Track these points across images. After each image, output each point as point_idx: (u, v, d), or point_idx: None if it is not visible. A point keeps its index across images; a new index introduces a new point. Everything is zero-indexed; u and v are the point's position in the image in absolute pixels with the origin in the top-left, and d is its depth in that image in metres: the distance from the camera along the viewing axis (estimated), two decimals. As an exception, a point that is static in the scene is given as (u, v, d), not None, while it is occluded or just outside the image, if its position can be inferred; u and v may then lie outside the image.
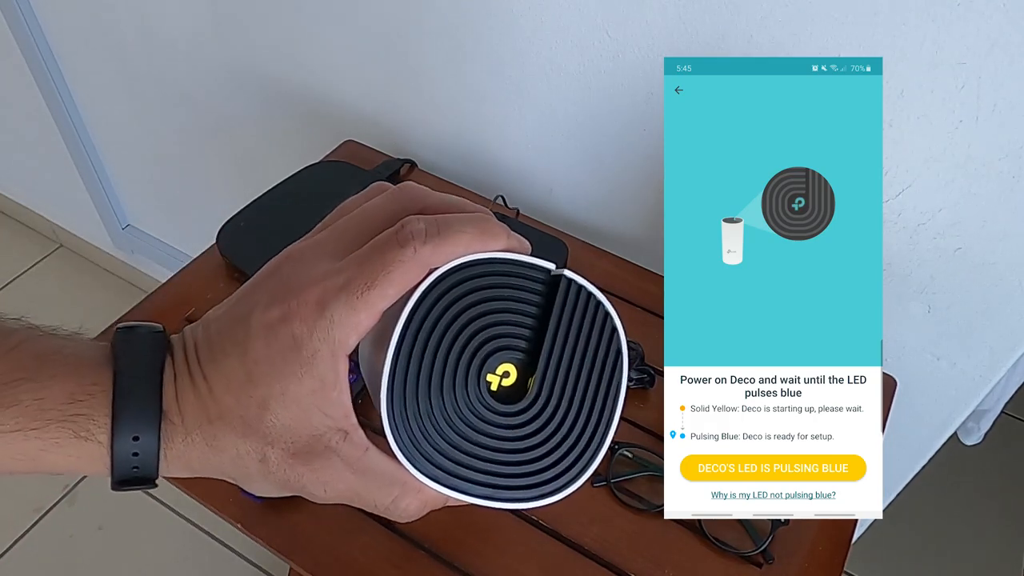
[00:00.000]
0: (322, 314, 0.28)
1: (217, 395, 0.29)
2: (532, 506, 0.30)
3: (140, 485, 0.30)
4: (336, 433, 0.29)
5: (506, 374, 0.30)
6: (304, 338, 0.28)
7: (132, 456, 0.29)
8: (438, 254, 0.29)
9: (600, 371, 0.31)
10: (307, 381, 0.28)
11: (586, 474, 0.31)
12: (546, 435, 0.30)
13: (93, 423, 0.28)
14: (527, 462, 0.30)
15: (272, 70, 1.02)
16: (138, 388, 0.29)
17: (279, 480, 0.30)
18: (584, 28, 0.72)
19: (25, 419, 0.28)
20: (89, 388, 0.29)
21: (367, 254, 0.29)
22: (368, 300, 0.28)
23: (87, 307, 1.75)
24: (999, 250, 0.65)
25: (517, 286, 0.30)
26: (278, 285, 0.29)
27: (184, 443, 0.29)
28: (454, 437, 0.30)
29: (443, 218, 0.30)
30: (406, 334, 0.29)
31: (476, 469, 0.30)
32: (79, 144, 1.39)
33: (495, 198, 0.81)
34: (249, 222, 0.77)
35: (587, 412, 0.31)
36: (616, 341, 0.31)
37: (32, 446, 0.28)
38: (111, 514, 1.44)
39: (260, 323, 0.28)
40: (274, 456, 0.29)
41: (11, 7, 1.20)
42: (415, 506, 0.31)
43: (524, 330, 0.31)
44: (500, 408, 0.30)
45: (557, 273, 0.31)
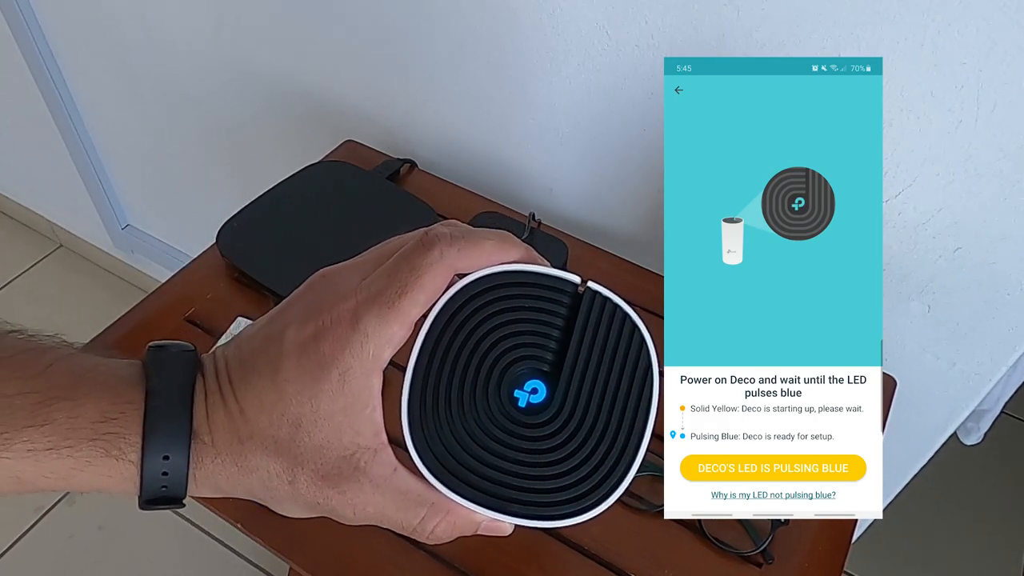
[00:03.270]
0: (355, 328, 0.27)
1: (248, 415, 0.29)
2: (564, 524, 0.29)
3: (168, 505, 0.30)
4: (366, 452, 0.29)
5: (534, 390, 0.30)
6: (336, 355, 0.27)
7: (161, 476, 0.29)
8: (463, 257, 0.29)
9: (629, 384, 0.30)
10: (339, 399, 0.28)
11: (619, 490, 0.30)
12: (573, 449, 0.29)
13: (124, 442, 0.28)
14: (556, 477, 0.29)
15: (272, 70, 1.02)
16: (169, 408, 0.29)
17: (308, 502, 0.29)
18: (584, 28, 0.72)
19: (58, 437, 0.28)
20: (122, 407, 0.29)
21: (395, 263, 0.29)
22: (400, 309, 0.28)
23: (87, 307, 1.75)
24: (999, 250, 0.65)
25: (543, 297, 0.30)
26: (311, 303, 0.29)
27: (214, 463, 0.29)
28: (481, 453, 0.29)
29: (466, 227, 0.30)
30: (428, 345, 0.29)
31: (505, 485, 0.29)
32: (79, 144, 1.39)
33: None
34: (249, 222, 0.77)
35: (616, 426, 0.30)
36: (645, 354, 0.30)
37: (64, 464, 0.28)
38: (111, 514, 1.44)
39: (293, 342, 0.28)
40: (303, 478, 0.29)
41: (11, 7, 1.20)
42: (443, 527, 0.30)
43: (551, 342, 0.30)
44: (525, 421, 0.29)
45: (584, 285, 0.30)
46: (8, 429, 0.27)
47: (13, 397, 0.28)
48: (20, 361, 0.29)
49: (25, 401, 0.28)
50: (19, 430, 0.27)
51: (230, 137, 1.18)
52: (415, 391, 0.29)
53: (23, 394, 0.28)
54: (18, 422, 0.27)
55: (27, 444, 0.27)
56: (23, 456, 0.27)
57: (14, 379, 0.28)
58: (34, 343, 0.30)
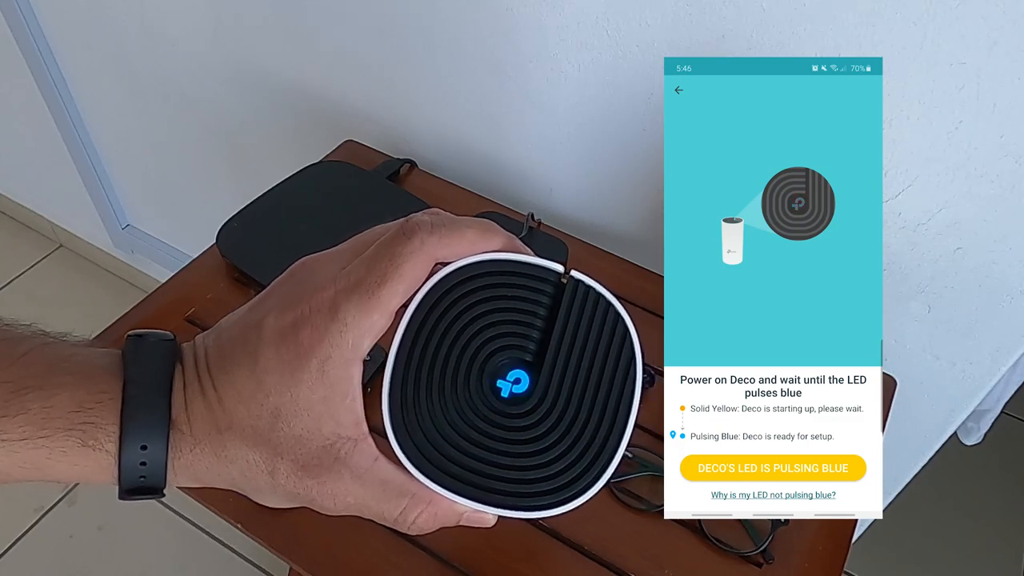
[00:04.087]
0: (335, 318, 0.27)
1: (227, 405, 0.28)
2: (545, 515, 0.29)
3: (147, 495, 0.30)
4: (346, 442, 0.28)
5: (517, 380, 0.29)
6: (315, 345, 0.27)
7: (139, 466, 0.28)
8: (444, 246, 0.28)
9: (612, 375, 0.30)
10: (319, 389, 0.27)
11: (600, 481, 0.30)
12: (554, 439, 0.29)
13: (101, 432, 0.28)
14: (538, 467, 0.29)
15: (272, 70, 1.02)
16: (147, 397, 0.28)
17: (288, 492, 0.29)
18: (584, 28, 0.72)
19: (32, 428, 0.27)
20: (98, 396, 0.28)
21: (375, 252, 0.28)
22: (380, 298, 0.27)
23: (87, 307, 1.75)
24: (999, 250, 0.65)
25: (525, 287, 0.30)
26: (291, 291, 0.29)
27: (192, 453, 0.29)
28: (462, 443, 0.29)
29: (448, 215, 0.30)
30: (409, 334, 0.29)
31: (487, 476, 0.29)
32: (79, 144, 1.39)
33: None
34: (249, 222, 0.77)
35: (599, 416, 0.29)
36: (628, 344, 0.30)
37: (39, 455, 0.28)
38: (111, 514, 1.44)
39: (272, 330, 0.28)
40: (283, 468, 0.29)
41: (11, 7, 1.20)
42: (425, 518, 0.30)
43: (533, 331, 0.30)
44: (507, 411, 0.29)
45: (567, 275, 0.30)
46: None
47: None
48: None
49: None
50: None
51: (230, 137, 1.18)
52: (396, 381, 0.29)
53: None
54: None
55: (0, 435, 0.27)
56: None
57: None
58: (9, 332, 0.30)
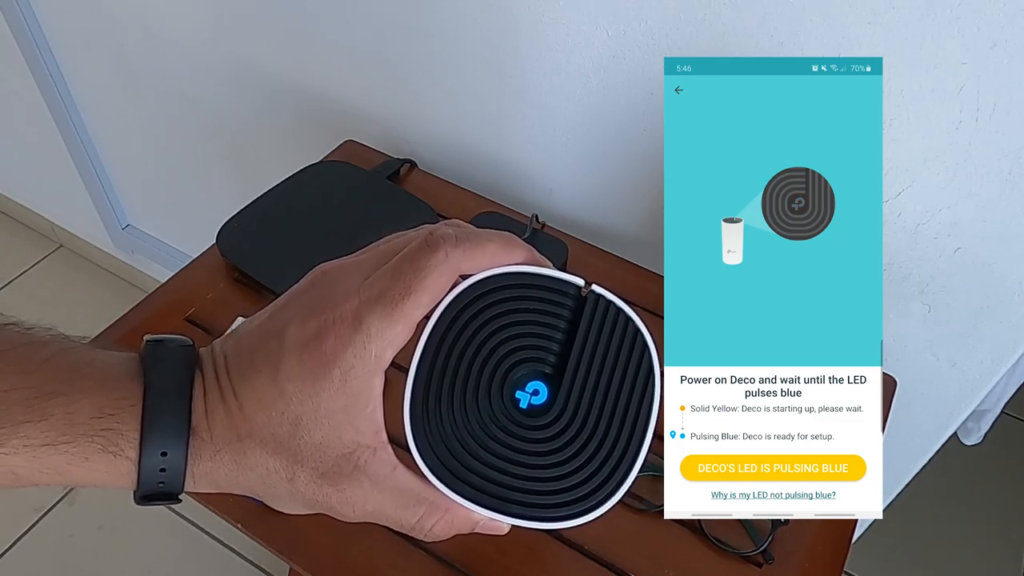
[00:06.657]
0: (358, 328, 0.27)
1: (248, 412, 0.28)
2: (562, 526, 0.29)
3: (164, 500, 0.30)
4: (366, 451, 0.29)
5: (536, 392, 0.30)
6: (338, 354, 0.27)
7: (159, 472, 0.28)
8: (468, 259, 0.29)
9: (631, 387, 0.30)
10: (340, 398, 0.28)
11: (618, 494, 0.30)
12: (573, 451, 0.30)
13: (122, 438, 0.28)
14: (556, 479, 0.29)
15: (272, 70, 1.02)
16: (168, 403, 0.29)
17: (307, 500, 0.29)
18: (584, 28, 0.72)
19: (55, 433, 0.27)
20: (119, 402, 0.28)
21: (398, 263, 0.28)
22: (404, 310, 0.27)
23: (87, 307, 1.75)
24: (999, 250, 0.65)
25: (546, 300, 0.30)
26: (313, 300, 0.29)
27: (212, 460, 0.29)
28: (482, 453, 0.29)
29: (470, 228, 0.30)
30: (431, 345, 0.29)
31: (505, 486, 0.29)
32: (79, 144, 1.39)
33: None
34: (249, 222, 0.77)
35: (617, 428, 0.30)
36: (647, 357, 0.30)
37: (60, 460, 0.28)
38: (111, 514, 1.44)
39: (294, 339, 0.28)
40: (303, 475, 0.29)
41: (11, 7, 1.20)
42: (441, 526, 0.30)
43: (553, 344, 0.30)
44: (526, 422, 0.30)
45: (587, 288, 0.30)
46: (4, 424, 0.27)
47: (9, 392, 0.27)
48: (17, 355, 0.29)
49: (21, 396, 0.27)
50: (15, 425, 0.27)
51: (230, 137, 1.18)
52: (418, 391, 0.29)
53: (19, 389, 0.28)
54: (14, 417, 0.27)
55: (24, 440, 0.27)
56: (19, 451, 0.27)
57: (10, 374, 0.28)
58: (31, 336, 0.30)
